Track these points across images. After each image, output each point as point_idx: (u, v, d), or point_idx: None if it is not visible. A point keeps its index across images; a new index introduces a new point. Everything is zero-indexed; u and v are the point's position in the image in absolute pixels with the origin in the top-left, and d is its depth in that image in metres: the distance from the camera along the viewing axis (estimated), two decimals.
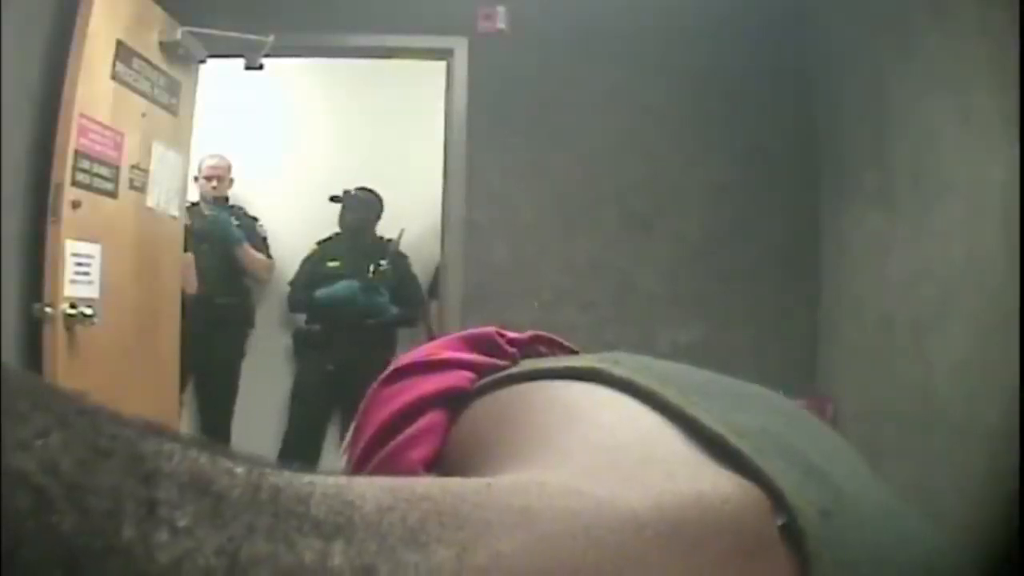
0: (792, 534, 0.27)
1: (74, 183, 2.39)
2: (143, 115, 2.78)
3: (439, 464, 0.37)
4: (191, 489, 0.20)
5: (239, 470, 0.21)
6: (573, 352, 0.45)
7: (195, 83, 3.18)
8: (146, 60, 2.77)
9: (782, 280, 3.51)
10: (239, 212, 4.28)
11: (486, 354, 0.42)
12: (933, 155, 2.68)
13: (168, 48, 2.88)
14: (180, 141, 3.09)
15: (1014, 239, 2.18)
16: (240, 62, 3.17)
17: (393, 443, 0.37)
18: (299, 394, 4.13)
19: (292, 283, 4.27)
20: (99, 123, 2.51)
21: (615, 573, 0.24)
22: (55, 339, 2.31)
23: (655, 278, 3.50)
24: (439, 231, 3.62)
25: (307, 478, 0.22)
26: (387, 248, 4.23)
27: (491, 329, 0.43)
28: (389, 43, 3.51)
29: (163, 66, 2.89)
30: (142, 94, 2.76)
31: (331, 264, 4.17)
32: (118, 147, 2.63)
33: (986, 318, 2.39)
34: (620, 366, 0.36)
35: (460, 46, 3.49)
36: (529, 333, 0.45)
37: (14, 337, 2.30)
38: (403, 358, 0.43)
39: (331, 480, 0.23)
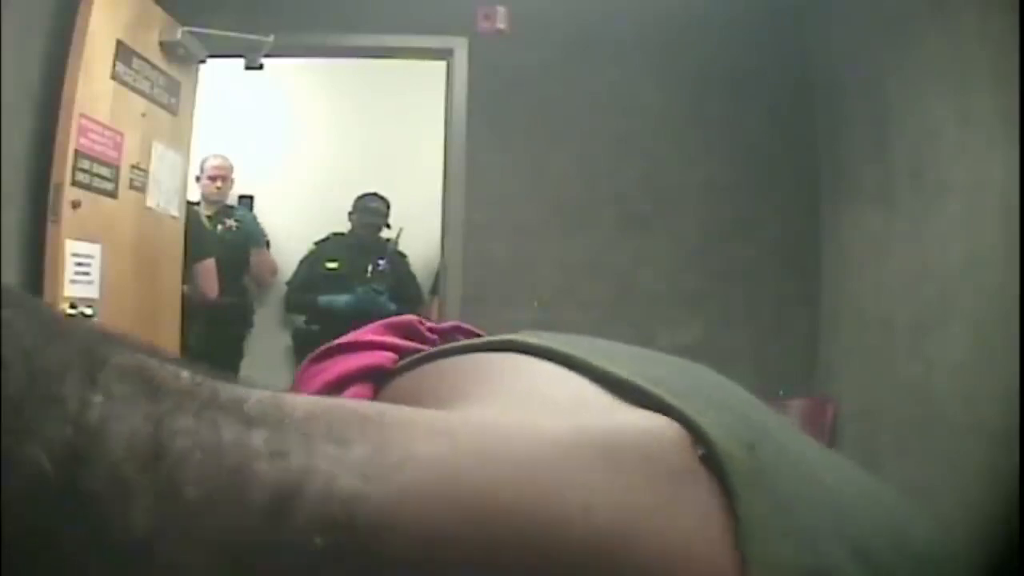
0: (715, 465, 0.28)
1: (74, 183, 2.39)
2: (143, 115, 2.78)
3: None
4: (134, 375, 0.22)
5: (184, 373, 0.24)
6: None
7: (195, 83, 3.18)
8: (146, 60, 2.77)
9: (782, 280, 3.51)
10: (240, 213, 4.30)
11: (408, 339, 0.45)
12: (933, 155, 2.68)
13: (168, 48, 2.88)
14: (180, 141, 3.09)
15: (1014, 239, 2.18)
16: (240, 62, 3.17)
17: None
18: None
19: (290, 284, 4.27)
20: (99, 123, 2.51)
21: (530, 482, 0.25)
22: None
23: (654, 278, 3.50)
24: (439, 231, 3.62)
25: (250, 388, 0.25)
26: (386, 248, 4.24)
27: (413, 318, 0.46)
28: (389, 43, 3.51)
29: (163, 66, 2.88)
30: (142, 94, 2.76)
31: (329, 265, 4.17)
32: (118, 147, 2.63)
33: (986, 318, 2.39)
34: (537, 337, 0.38)
35: (460, 46, 3.49)
36: (451, 323, 0.48)
37: None
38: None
39: (271, 392, 0.25)
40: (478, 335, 0.47)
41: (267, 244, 4.38)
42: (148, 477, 0.21)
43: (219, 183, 4.08)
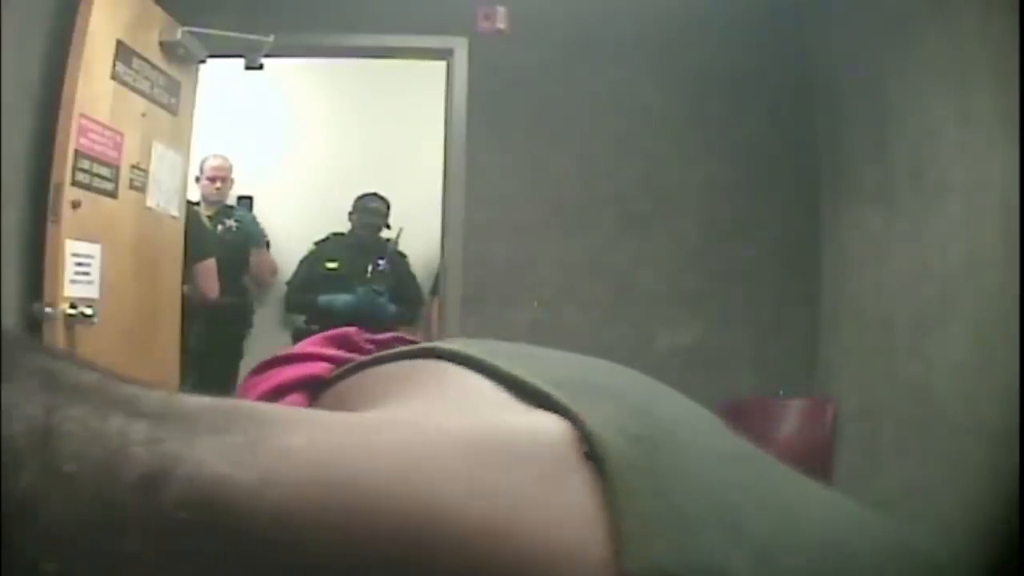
0: (597, 461, 0.28)
1: (74, 183, 2.39)
2: (143, 115, 2.78)
3: None
4: (37, 372, 0.26)
5: (93, 375, 0.27)
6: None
7: (195, 83, 3.18)
8: (146, 60, 2.76)
9: (782, 280, 3.51)
10: (241, 214, 4.30)
11: (345, 350, 0.48)
12: (933, 155, 2.68)
13: (168, 48, 2.88)
14: (180, 141, 3.09)
15: (1014, 239, 2.18)
16: (240, 62, 3.17)
17: None
18: None
19: (290, 284, 4.27)
20: (99, 123, 2.51)
21: (404, 474, 0.26)
22: (55, 339, 2.31)
23: (654, 278, 3.50)
24: (439, 231, 3.62)
25: (151, 390, 0.27)
26: (386, 248, 4.24)
27: (351, 329, 0.50)
28: (389, 43, 3.51)
29: (163, 66, 2.88)
30: (142, 94, 2.76)
31: (329, 265, 4.17)
32: (118, 147, 2.63)
33: (986, 318, 2.39)
34: (453, 343, 0.40)
35: (460, 46, 3.49)
36: (390, 334, 0.50)
37: None
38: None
39: (170, 393, 0.27)
40: (417, 343, 0.50)
41: (267, 244, 4.39)
42: (36, 452, 0.24)
43: (219, 184, 4.08)
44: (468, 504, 0.26)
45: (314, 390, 0.43)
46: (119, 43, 2.58)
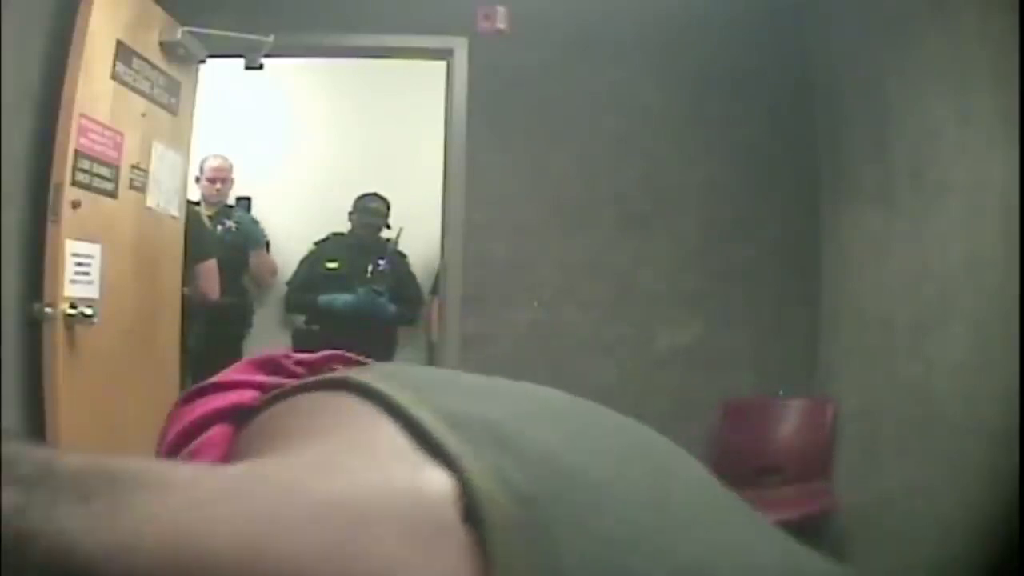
0: (476, 521, 0.28)
1: (74, 183, 2.39)
2: (143, 115, 2.78)
3: None
4: None
5: None
6: (363, 366, 0.49)
7: (195, 83, 3.18)
8: (146, 60, 2.76)
9: (782, 280, 3.51)
10: (241, 215, 4.29)
11: (272, 375, 0.47)
12: (933, 155, 2.68)
13: (168, 48, 2.88)
14: (180, 141, 3.09)
15: (1014, 239, 2.18)
16: (240, 62, 3.17)
17: (182, 454, 0.42)
18: None
19: (290, 284, 4.27)
20: (99, 123, 2.51)
21: (254, 540, 0.26)
22: (55, 339, 2.31)
23: (654, 277, 3.50)
24: (439, 231, 3.62)
25: (33, 450, 0.28)
26: (386, 248, 4.24)
27: (280, 353, 0.49)
28: (389, 43, 3.51)
29: (163, 66, 2.88)
30: (142, 94, 2.76)
31: (329, 265, 4.17)
32: (118, 147, 2.63)
33: (986, 318, 2.39)
34: (369, 373, 0.39)
35: (460, 46, 3.49)
36: (323, 353, 0.49)
37: (14, 337, 2.30)
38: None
39: (52, 453, 0.28)
40: (358, 362, 0.49)
41: (267, 245, 4.39)
42: None
43: (218, 185, 4.08)
44: (329, 569, 0.25)
45: (239, 420, 0.43)
46: (119, 43, 2.58)
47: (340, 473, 0.30)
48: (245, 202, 4.44)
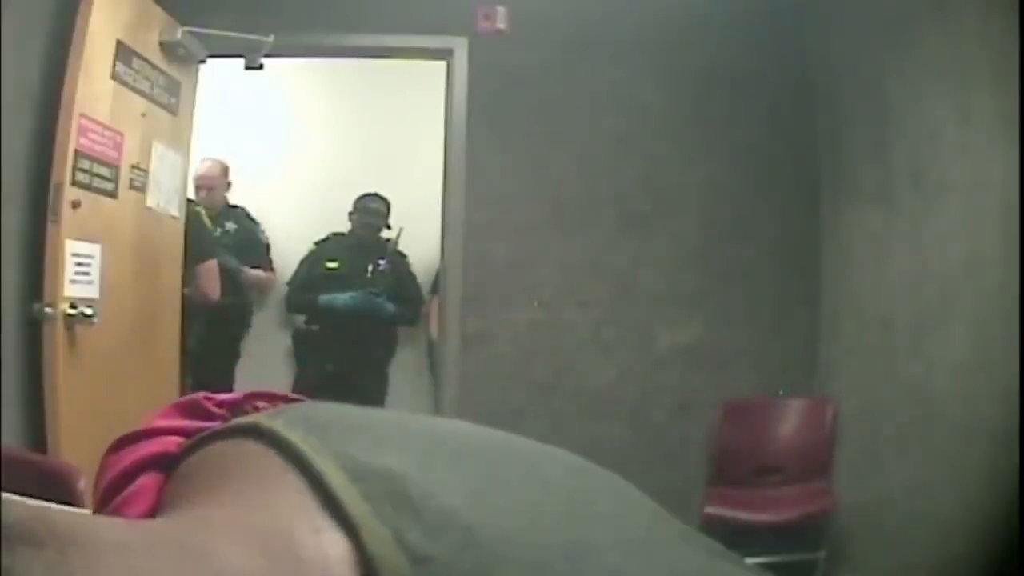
0: None
1: (74, 183, 2.39)
2: (143, 115, 2.78)
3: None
4: None
5: None
6: (292, 402, 0.49)
7: (195, 83, 3.18)
8: (146, 60, 2.76)
9: (782, 280, 3.51)
10: (241, 216, 4.27)
11: (195, 418, 0.47)
12: (933, 155, 2.68)
13: (168, 48, 2.88)
14: (180, 141, 3.09)
15: (1014, 239, 2.18)
16: (240, 62, 3.16)
17: (109, 507, 0.43)
18: (299, 394, 4.12)
19: (290, 284, 4.27)
20: (99, 123, 2.51)
21: None
22: (55, 339, 2.31)
23: (654, 277, 3.50)
24: (439, 231, 3.62)
25: (12, 504, 0.28)
26: (386, 248, 4.24)
27: (200, 395, 0.49)
28: (389, 43, 3.51)
29: (163, 66, 2.88)
30: (142, 94, 2.76)
31: (330, 265, 4.17)
32: (118, 147, 2.63)
33: (986, 318, 2.39)
34: (280, 418, 0.39)
35: (460, 46, 3.49)
36: (243, 392, 0.49)
37: (14, 337, 2.30)
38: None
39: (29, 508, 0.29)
40: (281, 397, 0.49)
41: (267, 249, 4.32)
42: None
43: (203, 192, 4.03)
44: None
45: (166, 467, 0.44)
46: (119, 43, 2.58)
47: (247, 537, 0.31)
48: (229, 209, 4.35)
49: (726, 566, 0.35)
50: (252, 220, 4.32)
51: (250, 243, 4.21)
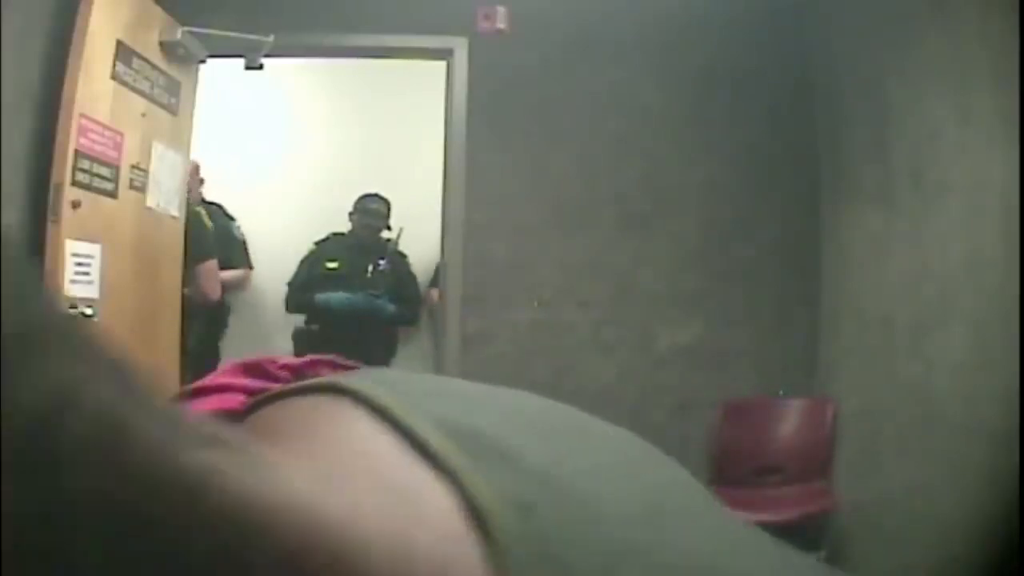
0: (483, 532, 0.28)
1: (74, 183, 2.39)
2: (143, 115, 2.78)
3: None
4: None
5: None
6: (351, 370, 0.49)
7: (195, 83, 3.18)
8: (146, 60, 2.77)
9: (782, 280, 3.51)
10: (216, 213, 4.15)
11: (258, 379, 0.46)
12: (933, 155, 2.68)
13: (168, 48, 2.88)
14: (180, 141, 3.09)
15: (1014, 239, 2.18)
16: (240, 62, 3.17)
17: None
18: None
19: (290, 284, 4.27)
20: (99, 123, 2.51)
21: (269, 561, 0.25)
22: None
23: (654, 277, 3.50)
24: (439, 231, 3.62)
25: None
26: (386, 248, 4.24)
27: (265, 358, 0.48)
28: (389, 43, 3.51)
29: (163, 66, 2.89)
30: (142, 94, 2.76)
31: (330, 264, 4.17)
32: (118, 147, 2.63)
33: (986, 318, 2.39)
34: (359, 379, 0.38)
35: (460, 46, 3.49)
36: (308, 358, 0.49)
37: None
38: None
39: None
40: (344, 366, 0.48)
41: (243, 246, 4.24)
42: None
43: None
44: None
45: (229, 423, 0.44)
46: (119, 43, 2.59)
47: (352, 479, 0.30)
48: (216, 208, 4.27)
49: (786, 549, 0.36)
50: (228, 216, 4.26)
51: (225, 240, 4.13)
